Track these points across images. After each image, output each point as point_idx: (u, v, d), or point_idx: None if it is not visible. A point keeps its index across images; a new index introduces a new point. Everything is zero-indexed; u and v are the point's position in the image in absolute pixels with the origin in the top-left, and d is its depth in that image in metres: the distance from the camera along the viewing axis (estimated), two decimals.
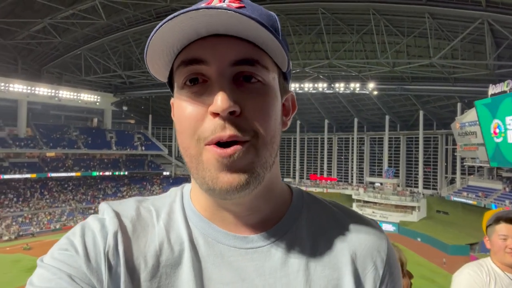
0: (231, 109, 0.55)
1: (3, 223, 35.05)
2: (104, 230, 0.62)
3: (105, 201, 0.70)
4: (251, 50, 0.58)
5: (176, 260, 0.62)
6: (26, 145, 41.71)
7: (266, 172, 0.60)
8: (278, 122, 0.64)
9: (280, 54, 0.60)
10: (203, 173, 0.58)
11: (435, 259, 26.98)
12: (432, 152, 44.01)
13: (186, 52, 0.59)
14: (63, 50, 40.46)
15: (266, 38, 0.56)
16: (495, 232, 2.06)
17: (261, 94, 0.60)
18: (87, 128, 51.25)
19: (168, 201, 0.71)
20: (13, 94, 40.76)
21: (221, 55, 0.57)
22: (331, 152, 53.06)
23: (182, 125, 0.60)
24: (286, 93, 0.70)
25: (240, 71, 0.58)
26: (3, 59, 40.51)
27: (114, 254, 0.60)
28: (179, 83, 0.61)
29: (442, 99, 40.49)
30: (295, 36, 34.84)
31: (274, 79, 0.63)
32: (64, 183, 44.52)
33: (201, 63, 0.57)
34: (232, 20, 0.53)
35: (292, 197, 0.74)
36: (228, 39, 0.57)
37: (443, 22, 28.45)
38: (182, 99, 0.60)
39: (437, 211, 38.57)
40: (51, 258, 0.59)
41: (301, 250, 0.66)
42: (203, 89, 0.58)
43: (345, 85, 40.24)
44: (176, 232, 0.65)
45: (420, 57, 33.13)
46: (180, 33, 0.55)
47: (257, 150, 0.58)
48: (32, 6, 29.88)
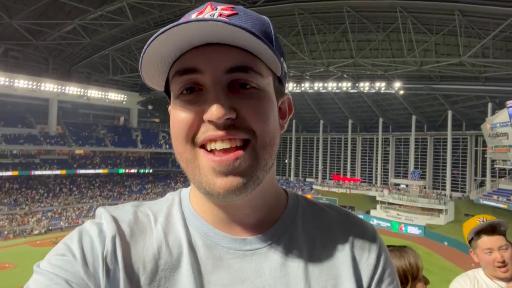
0: (226, 116, 0.55)
1: (34, 217, 36.46)
2: (102, 234, 0.62)
3: (102, 206, 0.70)
4: (244, 57, 0.58)
5: (175, 263, 0.62)
6: (56, 142, 43.21)
7: (265, 175, 0.61)
8: (276, 124, 0.64)
9: (273, 60, 0.60)
10: (199, 178, 0.58)
11: (462, 264, 26.16)
12: (461, 154, 42.69)
13: (181, 62, 0.59)
14: (91, 51, 41.64)
15: (258, 46, 0.56)
16: (479, 247, 1.94)
17: (257, 99, 0.60)
18: (114, 126, 52.59)
19: (166, 205, 0.71)
20: (45, 93, 42.29)
21: (215, 64, 0.57)
22: (354, 152, 52.30)
23: (177, 130, 0.60)
24: (282, 96, 0.71)
25: (235, 79, 0.59)
26: (35, 59, 42.12)
27: (112, 258, 0.59)
28: (175, 92, 0.61)
29: (471, 99, 39.17)
30: (319, 35, 34.50)
31: (269, 84, 0.64)
32: (92, 179, 45.88)
33: (195, 73, 0.58)
34: (223, 30, 0.53)
35: (287, 199, 0.75)
36: (221, 48, 0.58)
37: (473, 19, 27.51)
38: (178, 107, 0.60)
39: (466, 215, 37.30)
40: (48, 264, 0.59)
41: (299, 251, 0.67)
42: (198, 97, 0.59)
43: (370, 85, 39.57)
44: (175, 236, 0.65)
45: (449, 56, 32.16)
46: (173, 45, 0.56)
47: (256, 153, 0.59)
48: (63, 7, 30.92)
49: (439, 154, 44.69)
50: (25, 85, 39.95)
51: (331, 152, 54.55)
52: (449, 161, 42.03)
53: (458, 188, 42.79)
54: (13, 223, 34.77)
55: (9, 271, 23.55)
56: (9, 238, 32.29)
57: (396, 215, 39.84)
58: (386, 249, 0.75)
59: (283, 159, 58.85)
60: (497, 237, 1.89)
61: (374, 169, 50.34)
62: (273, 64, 0.62)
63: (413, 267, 1.48)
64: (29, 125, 42.69)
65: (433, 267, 25.78)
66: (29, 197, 38.97)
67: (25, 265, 24.41)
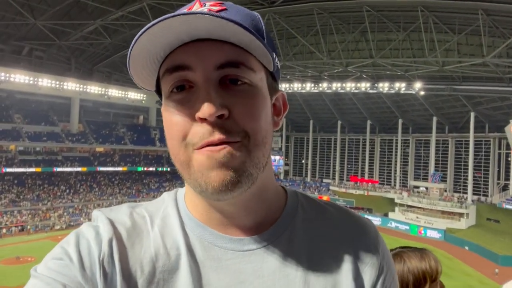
0: (218, 113, 0.54)
1: (55, 213, 37.42)
2: (99, 237, 0.61)
3: (98, 209, 0.69)
4: (235, 52, 0.57)
5: (173, 265, 0.62)
6: (78, 140, 44.28)
7: (259, 172, 0.60)
8: (269, 122, 0.63)
9: (264, 54, 0.59)
10: (194, 175, 0.57)
11: (484, 269, 25.52)
12: (484, 157, 41.59)
13: (170, 60, 0.58)
14: (112, 51, 42.44)
15: (248, 40, 0.55)
16: None
17: (249, 95, 0.59)
18: (133, 125, 53.49)
19: (162, 206, 0.70)
20: (67, 92, 43.35)
21: (205, 60, 0.56)
22: (373, 153, 51.61)
23: (170, 131, 0.59)
24: (276, 93, 0.69)
25: (226, 74, 0.58)
26: (58, 58, 43.23)
27: (109, 262, 0.59)
28: (165, 91, 0.60)
29: (495, 100, 38.12)
30: (338, 35, 34.23)
31: (262, 79, 0.62)
32: (112, 177, 46.76)
33: (185, 70, 0.57)
34: (213, 24, 0.52)
35: (286, 198, 0.74)
36: (211, 43, 0.56)
37: (497, 18, 26.79)
38: (170, 106, 0.59)
39: (487, 219, 36.45)
40: (45, 268, 0.58)
41: (298, 250, 0.66)
42: (190, 95, 0.57)
43: (390, 85, 39.02)
44: (172, 238, 0.64)
45: (472, 56, 31.39)
46: (162, 41, 0.55)
47: (249, 151, 0.57)
48: (85, 8, 31.64)
49: (461, 157, 43.64)
50: (49, 84, 41.04)
51: (349, 153, 53.99)
52: (471, 164, 40.98)
53: (480, 192, 41.68)
54: (35, 218, 35.78)
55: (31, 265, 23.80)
56: (32, 233, 33.25)
57: (416, 218, 39.13)
58: (387, 248, 0.74)
59: (300, 159, 58.62)
60: None
61: (393, 171, 49.57)
62: (265, 59, 0.61)
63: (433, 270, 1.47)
64: (52, 123, 43.85)
65: (453, 272, 25.21)
66: (51, 193, 40.02)
67: None
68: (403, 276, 1.42)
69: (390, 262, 0.73)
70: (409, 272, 1.42)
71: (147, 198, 45.56)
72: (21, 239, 30.89)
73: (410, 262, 1.45)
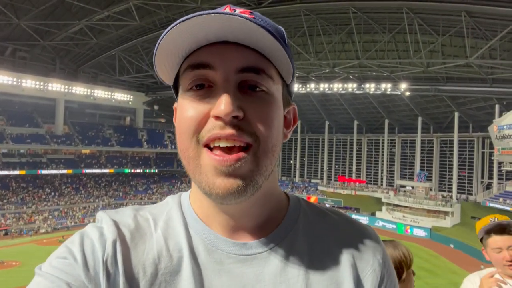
0: (234, 113, 0.55)
1: (40, 216, 36.76)
2: (103, 238, 0.62)
3: (103, 210, 0.70)
4: (258, 59, 0.59)
5: (175, 267, 0.62)
6: (63, 142, 43.58)
7: (264, 180, 0.61)
8: (280, 132, 0.64)
9: (286, 65, 0.61)
10: (199, 177, 0.58)
11: (469, 267, 25.95)
12: (468, 156, 42.39)
13: (194, 56, 0.60)
14: (98, 51, 41.92)
15: (274, 48, 0.57)
16: (489, 245, 1.99)
17: (265, 103, 0.60)
18: (120, 126, 52.91)
19: (166, 209, 0.71)
20: (52, 93, 42.67)
21: (228, 62, 0.58)
22: (360, 153, 52.14)
23: (183, 126, 0.60)
24: (288, 106, 0.70)
25: (245, 79, 0.59)
26: (43, 59, 42.48)
27: (112, 262, 0.60)
28: (184, 86, 0.61)
29: (478, 101, 38.90)
30: (325, 36, 34.45)
31: (278, 90, 0.64)
32: (98, 179, 46.17)
33: (207, 68, 0.58)
34: (242, 27, 0.54)
35: (289, 203, 0.75)
36: (236, 46, 0.58)
37: (480, 20, 27.32)
38: (186, 101, 0.60)
39: (472, 217, 37.05)
40: (50, 266, 0.59)
41: (300, 256, 0.67)
42: (208, 94, 0.59)
43: (376, 86, 39.44)
44: (175, 240, 0.65)
45: (456, 57, 31.97)
46: (190, 37, 0.56)
47: (257, 158, 0.58)
48: (70, 8, 31.18)
49: (446, 156, 44.42)
50: (33, 85, 40.33)
51: (337, 153, 54.44)
52: (456, 163, 41.75)
53: (465, 191, 42.49)
54: (20, 221, 35.09)
55: (16, 269, 23.76)
56: (16, 237, 32.60)
57: (402, 217, 39.65)
58: (388, 255, 0.74)
59: (288, 160, 58.82)
60: (506, 237, 1.94)
61: (380, 171, 50.15)
62: (285, 70, 0.62)
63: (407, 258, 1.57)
64: (36, 125, 43.09)
65: (439, 269, 25.61)
66: (36, 196, 39.31)
67: (32, 264, 24.58)
68: None
69: (391, 270, 0.73)
70: None
71: (134, 200, 45.12)
72: (5, 243, 30.26)
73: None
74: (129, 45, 40.06)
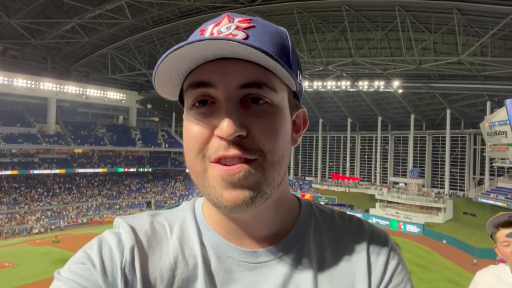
0: (236, 133, 0.55)
1: (33, 216, 36.46)
2: (121, 244, 0.63)
3: (120, 216, 0.71)
4: (259, 72, 0.58)
5: (191, 273, 0.63)
6: (55, 141, 43.20)
7: (273, 190, 0.61)
8: (287, 141, 0.63)
9: (286, 78, 0.60)
10: (208, 190, 0.59)
11: (461, 262, 26.27)
12: (460, 152, 42.80)
13: (194, 75, 0.59)
14: (90, 49, 41.59)
15: (273, 64, 0.56)
16: (498, 240, 2.00)
17: (269, 115, 0.60)
18: (113, 125, 52.55)
19: (181, 215, 0.72)
20: (43, 92, 42.25)
21: (228, 79, 0.57)
22: (354, 151, 52.39)
23: (189, 144, 0.60)
24: (297, 110, 0.70)
25: (248, 93, 0.59)
26: (34, 58, 42.06)
27: (130, 269, 0.61)
28: (188, 103, 0.62)
29: (470, 98, 39.27)
30: (318, 34, 34.51)
31: (283, 99, 0.63)
32: (91, 178, 45.86)
33: (208, 86, 0.58)
34: (237, 49, 0.54)
35: (300, 209, 0.74)
36: (235, 62, 0.57)
37: (472, 18, 27.55)
38: (190, 119, 0.61)
39: (464, 213, 37.52)
40: (68, 271, 0.60)
41: (310, 263, 0.67)
42: (211, 111, 0.59)
43: (369, 83, 39.62)
44: (190, 247, 0.66)
45: (448, 54, 32.20)
46: (187, 60, 0.57)
47: (264, 170, 0.58)
48: (62, 6, 30.88)
49: (438, 153, 44.80)
50: (24, 84, 39.92)
51: (330, 151, 54.65)
52: (448, 160, 42.15)
53: (457, 187, 42.91)
54: (12, 222, 34.78)
55: (9, 270, 23.57)
56: (9, 237, 32.31)
57: (395, 214, 39.97)
58: (401, 257, 0.73)
59: None
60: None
61: (373, 168, 50.44)
62: (288, 81, 0.62)
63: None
64: (28, 124, 42.66)
65: (432, 265, 25.85)
66: (28, 196, 38.96)
67: (25, 264, 24.44)
68: None
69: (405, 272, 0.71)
70: None
71: (128, 200, 44.92)
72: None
73: None
74: (121, 43, 39.79)
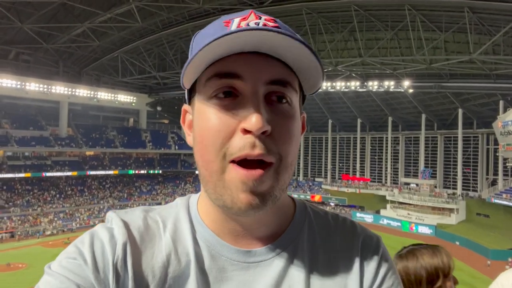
0: (264, 128, 0.55)
1: (46, 218, 36.95)
2: (113, 240, 0.62)
3: (112, 210, 0.70)
4: (285, 71, 0.59)
5: (183, 271, 0.63)
6: (67, 144, 43.75)
7: (282, 194, 0.62)
8: (298, 145, 0.64)
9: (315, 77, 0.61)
10: (222, 190, 0.58)
11: (475, 264, 25.87)
12: (472, 152, 42.16)
13: (222, 65, 0.58)
14: (101, 53, 42.07)
15: (307, 60, 0.57)
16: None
17: (289, 116, 0.60)
18: (123, 128, 53.04)
19: (175, 211, 0.71)
20: (55, 96, 42.84)
21: (258, 73, 0.57)
22: (364, 151, 51.96)
23: (207, 137, 0.58)
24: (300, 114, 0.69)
25: (272, 91, 0.59)
26: (46, 62, 42.69)
27: (122, 265, 0.60)
28: (208, 93, 0.59)
29: (482, 97, 38.68)
30: (327, 35, 34.38)
31: (298, 101, 0.64)
32: (102, 180, 46.33)
33: (236, 78, 0.57)
34: (275, 40, 0.54)
35: (295, 209, 0.74)
36: (264, 58, 0.57)
37: (484, 16, 27.17)
38: (210, 110, 0.59)
39: (477, 214, 36.94)
40: (59, 266, 0.59)
41: (303, 264, 0.67)
42: (234, 104, 0.57)
43: (379, 83, 39.32)
44: (183, 244, 0.65)
45: (459, 53, 31.78)
46: (225, 51, 0.56)
47: (278, 175, 0.59)
48: (72, 11, 31.30)
49: (450, 153, 44.19)
50: (36, 88, 40.52)
51: (340, 151, 54.33)
52: (460, 160, 41.55)
53: (470, 187, 42.27)
54: (25, 224, 35.29)
55: (23, 271, 23.92)
56: (22, 239, 32.80)
57: (407, 215, 39.53)
58: (390, 260, 0.74)
59: None
60: None
61: (384, 169, 50.00)
62: (312, 82, 0.62)
63: (445, 265, 1.54)
64: (41, 128, 43.29)
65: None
66: (41, 198, 39.51)
67: (38, 265, 24.77)
68: (417, 273, 1.48)
69: (394, 274, 0.72)
70: (422, 268, 1.48)
71: (139, 201, 45.24)
72: (11, 246, 30.46)
73: (423, 259, 1.50)
74: (131, 47, 40.18)
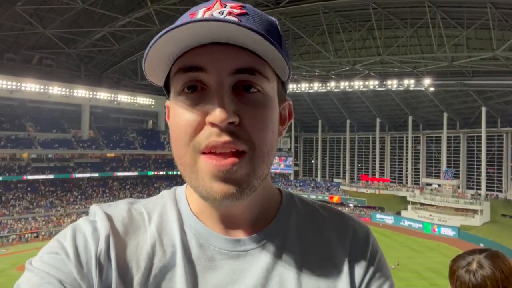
0: (230, 120, 0.54)
1: (68, 219, 37.84)
2: (96, 233, 0.61)
3: (96, 203, 0.69)
4: (252, 59, 0.57)
5: (169, 261, 0.62)
6: (89, 146, 44.76)
7: (260, 183, 0.61)
8: (276, 133, 0.63)
9: (280, 64, 0.59)
10: (196, 182, 0.57)
11: None
12: (497, 152, 40.98)
13: (185, 59, 0.57)
14: (121, 57, 42.86)
15: (267, 48, 0.55)
16: None
17: (260, 105, 0.58)
18: (142, 129, 53.89)
19: (161, 202, 0.70)
20: (77, 99, 43.85)
21: (221, 64, 0.55)
22: (383, 152, 51.20)
23: (178, 132, 0.58)
24: (283, 102, 0.68)
25: (240, 80, 0.57)
26: (68, 66, 43.78)
27: (105, 258, 0.59)
28: (176, 89, 0.59)
29: (507, 94, 37.56)
30: (345, 33, 34.07)
31: (273, 88, 0.62)
32: (123, 181, 47.14)
33: (200, 71, 0.56)
34: (233, 31, 0.52)
35: (282, 199, 0.74)
36: (229, 48, 0.56)
37: (507, 11, 26.40)
38: (179, 106, 0.58)
39: (502, 215, 35.86)
40: (41, 262, 0.57)
41: (292, 251, 0.67)
42: (201, 97, 0.56)
43: (398, 82, 38.71)
44: (169, 235, 0.65)
45: (482, 50, 30.98)
46: (180, 43, 0.55)
47: (253, 163, 0.57)
48: (93, 16, 32.03)
49: (473, 152, 43.05)
50: (59, 91, 41.52)
51: (359, 152, 53.67)
52: (484, 160, 40.41)
53: (494, 188, 41.06)
54: (49, 224, 36.22)
55: None
56: (46, 239, 33.66)
57: (429, 216, 38.70)
58: (379, 249, 0.74)
59: (310, 159, 58.39)
60: None
61: (404, 169, 49.13)
62: (280, 69, 0.61)
63: None
64: (63, 130, 44.38)
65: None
66: (64, 199, 40.49)
67: None
68: None
69: (383, 264, 0.72)
70: None
71: None
72: (36, 246, 31.29)
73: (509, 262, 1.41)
74: None
